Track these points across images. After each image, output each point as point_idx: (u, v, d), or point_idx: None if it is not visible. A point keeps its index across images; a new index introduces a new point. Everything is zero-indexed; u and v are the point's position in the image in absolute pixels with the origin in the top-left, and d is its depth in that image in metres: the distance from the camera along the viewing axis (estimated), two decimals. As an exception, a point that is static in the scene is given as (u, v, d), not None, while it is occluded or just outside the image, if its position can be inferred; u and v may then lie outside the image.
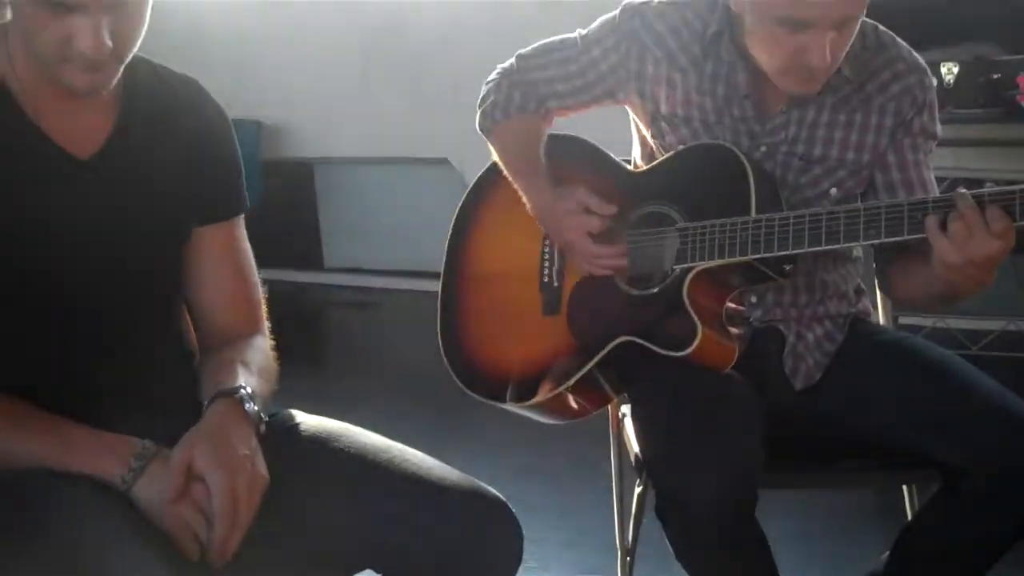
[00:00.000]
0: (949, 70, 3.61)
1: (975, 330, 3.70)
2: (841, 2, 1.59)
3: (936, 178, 1.84)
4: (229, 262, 1.56)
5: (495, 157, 1.97)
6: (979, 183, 3.45)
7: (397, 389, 3.78)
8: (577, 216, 1.80)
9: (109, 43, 1.31)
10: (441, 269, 2.02)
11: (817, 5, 1.58)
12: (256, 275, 1.60)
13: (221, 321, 1.55)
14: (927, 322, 3.67)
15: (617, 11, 1.87)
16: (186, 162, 1.49)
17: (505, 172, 1.93)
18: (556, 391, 1.77)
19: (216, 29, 4.89)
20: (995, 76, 3.32)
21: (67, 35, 1.30)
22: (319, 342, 4.65)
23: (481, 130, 1.98)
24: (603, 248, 1.80)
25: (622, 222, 1.81)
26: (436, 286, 2.01)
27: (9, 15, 1.36)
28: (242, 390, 1.38)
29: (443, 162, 5.06)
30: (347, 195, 5.54)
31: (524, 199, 1.89)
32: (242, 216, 1.58)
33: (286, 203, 5.48)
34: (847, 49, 1.67)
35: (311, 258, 5.56)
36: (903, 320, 3.55)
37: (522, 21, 4.69)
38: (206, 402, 1.38)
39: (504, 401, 1.85)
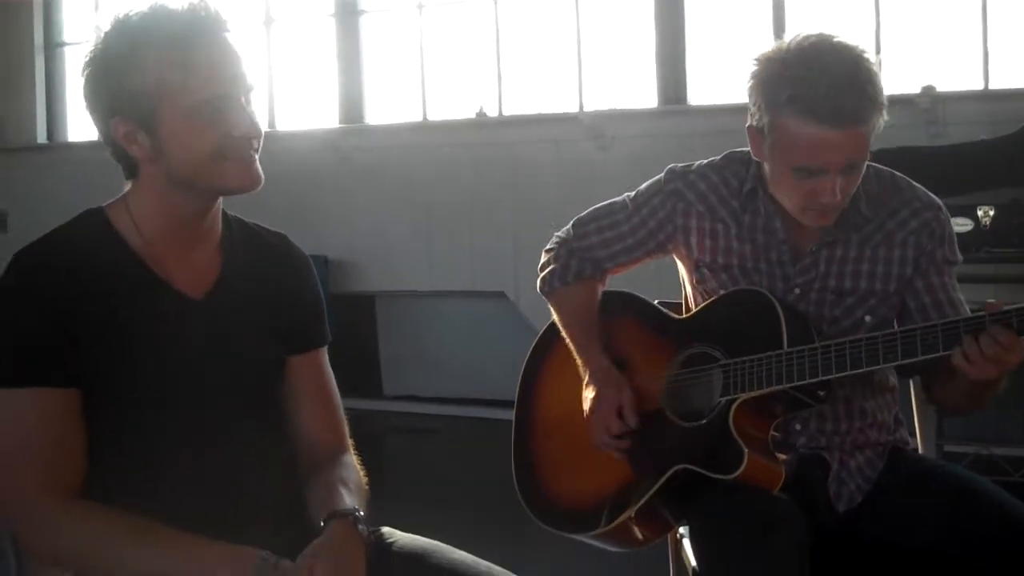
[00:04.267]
0: (986, 213, 3.72)
1: (1018, 457, 3.75)
2: (845, 152, 1.78)
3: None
4: (318, 387, 1.76)
5: (554, 316, 2.15)
6: None
7: (459, 512, 3.86)
8: (610, 413, 1.95)
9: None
10: (514, 413, 2.18)
11: (825, 155, 1.78)
12: (339, 398, 1.79)
13: (314, 440, 1.73)
14: (971, 450, 3.72)
15: (663, 174, 2.08)
16: (278, 301, 1.71)
17: (562, 332, 2.11)
18: (619, 520, 1.91)
19: (291, 176, 5.09)
20: (1029, 217, 3.46)
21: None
22: (380, 466, 4.76)
23: (541, 294, 2.17)
24: (612, 440, 1.95)
25: (670, 364, 1.98)
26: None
27: (129, 186, 1.59)
28: (356, 512, 1.56)
29: (499, 295, 5.24)
30: (406, 326, 5.71)
31: (576, 359, 2.06)
32: (326, 346, 1.78)
33: (348, 333, 5.68)
34: (856, 186, 1.85)
35: (370, 386, 5.69)
36: (948, 448, 3.61)
37: (575, 166, 4.94)
38: (322, 520, 1.54)
39: (572, 531, 1.99)
